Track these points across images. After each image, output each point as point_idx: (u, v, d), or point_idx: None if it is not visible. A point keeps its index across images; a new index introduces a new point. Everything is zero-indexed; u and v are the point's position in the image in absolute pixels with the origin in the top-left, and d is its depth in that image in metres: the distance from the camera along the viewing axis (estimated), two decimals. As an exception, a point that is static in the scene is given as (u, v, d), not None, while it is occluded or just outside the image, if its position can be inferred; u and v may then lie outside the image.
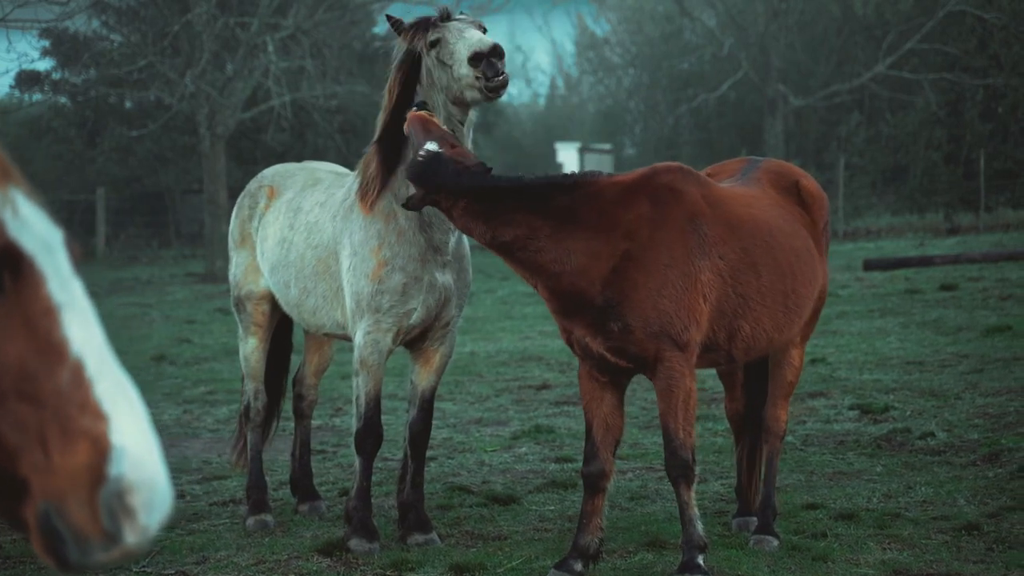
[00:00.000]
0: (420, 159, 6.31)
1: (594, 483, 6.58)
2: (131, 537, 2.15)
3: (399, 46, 7.12)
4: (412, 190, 6.56)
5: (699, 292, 6.33)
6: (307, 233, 7.58)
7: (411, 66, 7.04)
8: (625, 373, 6.59)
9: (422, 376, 7.40)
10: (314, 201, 7.69)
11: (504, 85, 6.77)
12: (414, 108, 6.80)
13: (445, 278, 7.14)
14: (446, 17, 6.98)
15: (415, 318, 7.14)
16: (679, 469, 6.44)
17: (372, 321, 7.10)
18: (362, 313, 7.15)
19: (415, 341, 7.36)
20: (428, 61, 6.96)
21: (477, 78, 6.70)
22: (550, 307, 6.52)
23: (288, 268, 7.66)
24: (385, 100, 7.11)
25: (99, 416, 2.17)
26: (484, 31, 7.04)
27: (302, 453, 8.43)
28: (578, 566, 6.56)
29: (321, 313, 7.52)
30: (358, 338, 7.18)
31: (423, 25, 7.00)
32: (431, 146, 6.34)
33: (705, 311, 6.37)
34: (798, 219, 6.97)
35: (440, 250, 7.13)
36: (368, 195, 7.14)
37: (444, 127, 6.67)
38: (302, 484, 8.36)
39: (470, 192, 6.19)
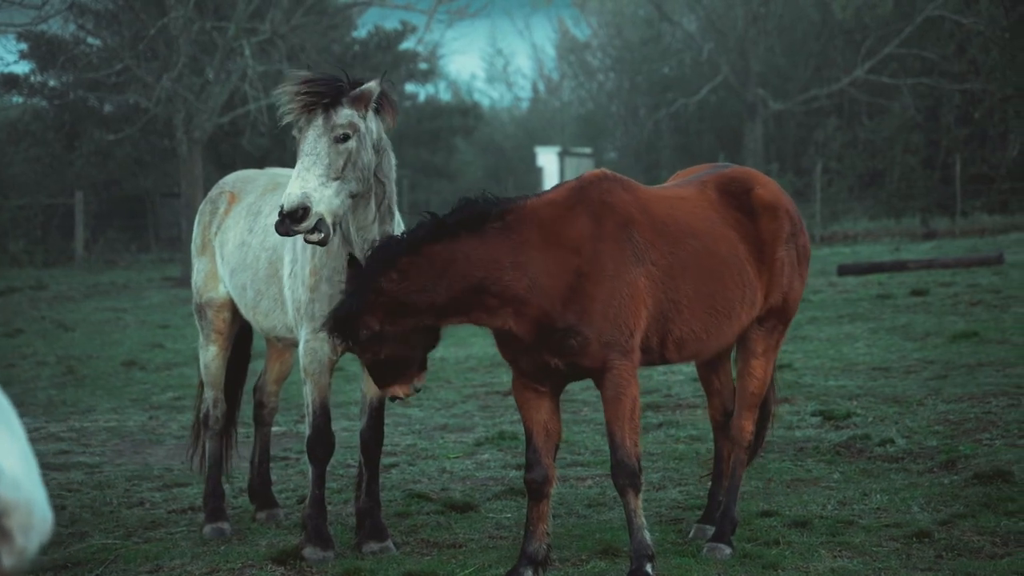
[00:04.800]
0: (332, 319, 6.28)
1: (538, 489, 6.63)
2: (8, 559, 2.15)
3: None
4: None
5: (640, 299, 6.41)
6: (263, 236, 7.62)
7: None
8: (563, 381, 6.64)
9: (370, 385, 7.42)
10: (272, 205, 7.72)
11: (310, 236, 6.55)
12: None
13: None
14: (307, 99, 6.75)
15: None
16: (626, 477, 6.47)
17: (309, 330, 7.15)
18: (300, 321, 7.19)
19: None
20: None
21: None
22: (512, 343, 6.47)
23: (246, 271, 7.69)
24: None
25: (-24, 439, 2.18)
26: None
27: (261, 461, 8.44)
28: (528, 573, 6.59)
29: (273, 316, 7.56)
30: (300, 347, 7.25)
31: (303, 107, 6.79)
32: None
33: (645, 317, 6.44)
34: (732, 225, 6.95)
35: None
36: None
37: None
38: (260, 492, 8.37)
39: (393, 268, 6.16)
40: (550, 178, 46.70)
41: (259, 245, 7.63)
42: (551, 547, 6.73)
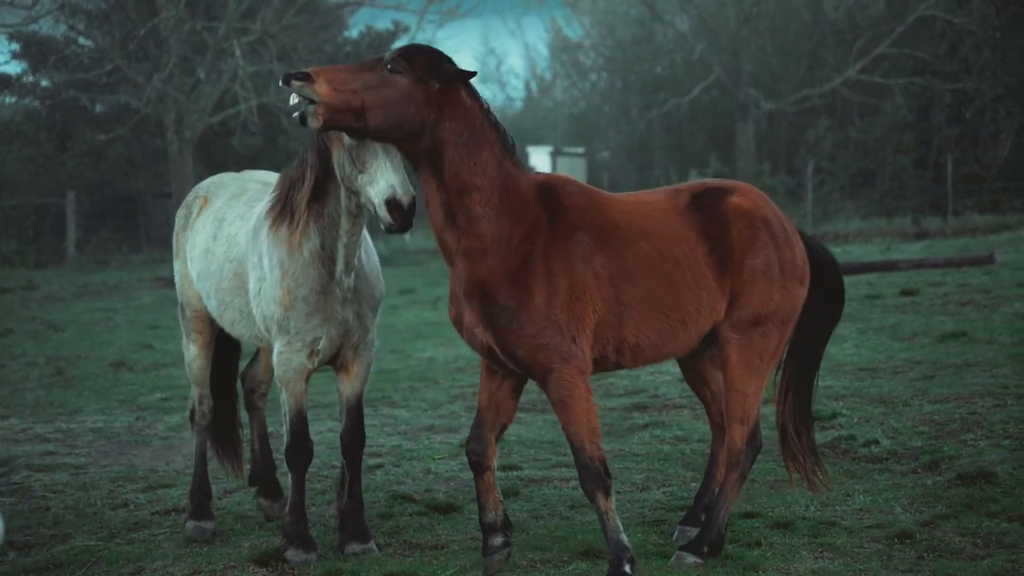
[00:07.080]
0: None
1: (477, 461, 6.73)
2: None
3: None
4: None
5: (588, 303, 6.42)
6: (226, 245, 7.61)
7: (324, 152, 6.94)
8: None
9: (345, 386, 7.43)
10: (236, 213, 7.71)
11: (406, 230, 6.64)
12: None
13: (346, 312, 7.16)
14: None
15: (322, 345, 7.20)
16: (593, 481, 6.49)
17: (284, 342, 7.17)
18: (273, 334, 7.20)
19: (333, 356, 7.38)
20: (339, 152, 6.82)
21: (388, 223, 6.57)
22: (456, 292, 6.61)
23: (210, 279, 7.69)
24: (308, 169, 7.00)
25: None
26: None
27: (261, 445, 8.36)
28: (498, 540, 6.68)
29: (239, 326, 7.58)
30: (274, 357, 7.26)
31: None
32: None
33: (593, 322, 6.44)
34: (694, 228, 6.82)
35: (339, 284, 7.12)
36: (281, 219, 7.14)
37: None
38: (265, 476, 8.29)
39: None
40: (543, 178, 46.53)
41: (223, 255, 7.61)
42: (506, 512, 6.82)
